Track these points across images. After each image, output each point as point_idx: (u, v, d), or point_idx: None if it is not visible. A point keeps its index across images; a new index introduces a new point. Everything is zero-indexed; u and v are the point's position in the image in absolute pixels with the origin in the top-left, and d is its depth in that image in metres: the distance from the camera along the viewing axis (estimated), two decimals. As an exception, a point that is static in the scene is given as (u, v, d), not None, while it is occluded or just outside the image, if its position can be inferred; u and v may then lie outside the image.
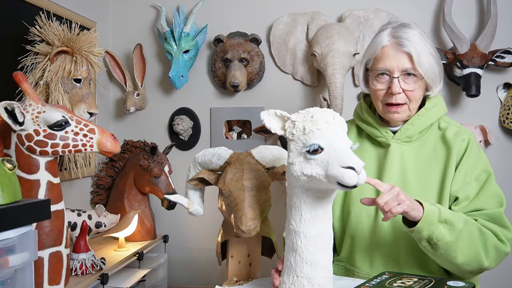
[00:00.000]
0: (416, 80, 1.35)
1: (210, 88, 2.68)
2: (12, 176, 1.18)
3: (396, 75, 1.35)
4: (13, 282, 1.18)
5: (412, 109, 1.39)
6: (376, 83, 1.39)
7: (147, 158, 2.29)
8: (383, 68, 1.36)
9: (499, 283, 2.24)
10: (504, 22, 2.30)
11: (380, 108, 1.41)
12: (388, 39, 1.37)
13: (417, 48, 1.33)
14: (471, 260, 1.26)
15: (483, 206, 1.33)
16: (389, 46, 1.36)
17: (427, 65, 1.34)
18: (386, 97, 1.38)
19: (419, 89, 1.37)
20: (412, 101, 1.37)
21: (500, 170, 2.29)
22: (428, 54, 1.35)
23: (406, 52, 1.34)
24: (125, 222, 2.13)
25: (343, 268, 1.46)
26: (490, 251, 1.28)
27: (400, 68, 1.34)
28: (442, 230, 1.21)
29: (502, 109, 2.34)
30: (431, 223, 1.20)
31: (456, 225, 1.23)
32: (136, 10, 2.74)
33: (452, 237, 1.23)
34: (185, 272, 2.70)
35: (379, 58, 1.37)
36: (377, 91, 1.39)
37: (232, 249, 1.53)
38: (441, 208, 1.23)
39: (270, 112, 1.11)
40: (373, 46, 1.40)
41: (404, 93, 1.36)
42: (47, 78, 1.87)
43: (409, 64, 1.34)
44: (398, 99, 1.36)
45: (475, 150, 1.38)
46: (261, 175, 1.39)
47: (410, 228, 1.22)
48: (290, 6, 2.55)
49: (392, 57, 1.35)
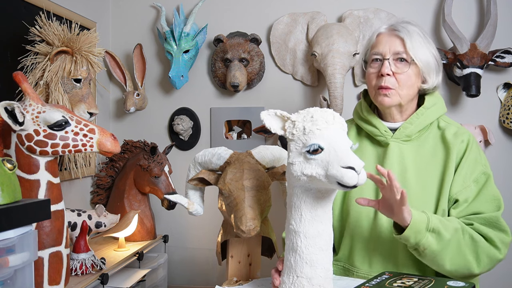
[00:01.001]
0: (407, 64, 1.37)
1: (210, 88, 2.68)
2: (12, 176, 1.18)
3: (387, 57, 1.37)
4: (13, 282, 1.18)
5: (402, 95, 1.38)
6: (370, 69, 1.42)
7: (147, 158, 2.29)
8: (376, 52, 1.40)
9: (499, 283, 2.24)
10: (504, 22, 2.30)
11: (372, 93, 1.43)
12: (385, 27, 1.43)
13: (412, 37, 1.36)
14: (460, 268, 1.27)
15: (480, 210, 1.33)
16: (384, 33, 1.41)
17: (421, 53, 1.37)
18: (377, 80, 1.40)
19: (410, 74, 1.37)
20: (402, 87, 1.37)
21: (500, 170, 2.30)
22: (423, 46, 1.37)
23: (400, 37, 1.37)
24: (125, 222, 2.13)
25: (342, 268, 1.46)
26: (481, 258, 1.28)
27: (392, 51, 1.37)
28: (430, 239, 1.22)
29: (502, 109, 2.34)
30: (419, 231, 1.21)
31: (444, 234, 1.23)
32: (136, 10, 2.74)
33: (439, 246, 1.23)
34: (185, 272, 2.70)
35: (374, 45, 1.42)
36: (369, 75, 1.42)
37: (232, 249, 1.53)
38: (430, 217, 1.24)
39: (270, 112, 1.11)
40: (370, 37, 1.46)
41: (395, 77, 1.37)
42: (47, 78, 1.87)
43: (401, 47, 1.37)
44: (387, 81, 1.37)
45: (475, 152, 1.38)
46: (261, 175, 1.39)
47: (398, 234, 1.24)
48: (290, 6, 2.55)
49: (386, 41, 1.39)
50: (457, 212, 1.33)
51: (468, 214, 1.33)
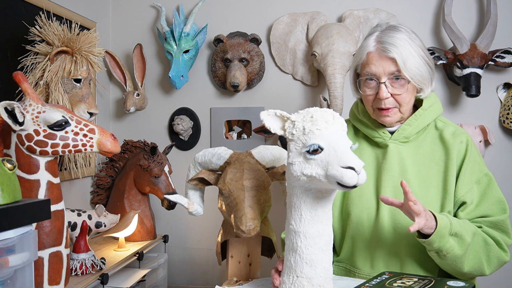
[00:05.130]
0: (404, 83, 1.35)
1: (210, 88, 2.68)
2: (12, 176, 1.18)
3: (383, 80, 1.35)
4: (13, 282, 1.18)
5: (403, 111, 1.39)
6: (366, 89, 1.40)
7: (147, 158, 2.29)
8: (369, 72, 1.37)
9: (499, 283, 2.23)
10: (504, 22, 2.30)
11: (371, 112, 1.43)
12: (373, 44, 1.38)
13: (402, 53, 1.33)
14: (475, 270, 1.29)
15: (487, 213, 1.34)
16: (374, 52, 1.37)
17: (414, 69, 1.34)
18: (376, 102, 1.39)
19: (407, 93, 1.36)
20: (402, 105, 1.37)
21: (500, 170, 2.30)
22: (414, 57, 1.34)
23: (391, 58, 1.34)
24: (125, 222, 2.13)
25: (343, 269, 1.46)
26: (492, 261, 1.31)
27: (386, 73, 1.35)
28: (452, 243, 1.23)
29: (502, 109, 2.34)
30: (443, 236, 1.22)
31: (465, 238, 1.24)
32: (136, 10, 2.74)
33: (461, 250, 1.24)
34: (185, 272, 2.70)
35: (365, 64, 1.39)
36: (367, 96, 1.40)
37: (232, 249, 1.53)
38: (452, 221, 1.24)
39: (270, 112, 1.11)
40: (359, 52, 1.42)
41: (393, 97, 1.36)
42: (47, 78, 1.87)
43: (394, 67, 1.34)
44: (387, 103, 1.36)
45: (474, 153, 1.39)
46: (261, 175, 1.39)
47: (422, 238, 1.24)
48: (290, 6, 2.55)
49: (377, 62, 1.35)
50: (465, 214, 1.34)
51: (476, 217, 1.34)
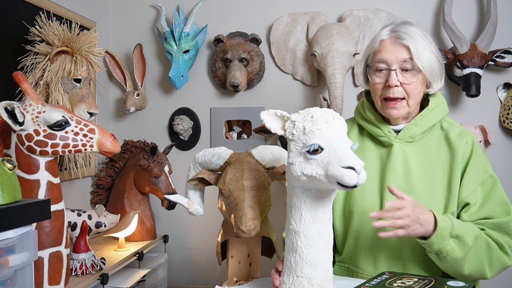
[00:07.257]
0: (415, 73, 1.34)
1: (210, 88, 2.68)
2: (12, 176, 1.18)
3: (394, 67, 1.34)
4: (13, 282, 1.18)
5: (411, 105, 1.37)
6: (375, 77, 1.38)
7: (147, 158, 2.29)
8: (380, 58, 1.36)
9: (499, 284, 2.23)
10: (504, 22, 2.30)
11: (378, 103, 1.40)
12: (387, 33, 1.38)
13: (416, 42, 1.33)
14: (476, 273, 1.28)
15: (490, 215, 1.33)
16: (388, 40, 1.37)
17: (425, 59, 1.33)
18: (384, 91, 1.37)
19: (417, 83, 1.35)
20: (411, 96, 1.35)
21: (500, 170, 2.29)
22: (427, 50, 1.34)
23: (404, 45, 1.33)
24: (125, 222, 2.13)
25: (345, 269, 1.45)
26: (494, 264, 1.30)
27: (399, 60, 1.33)
28: (452, 245, 1.22)
29: (502, 109, 2.34)
30: (443, 237, 1.21)
31: (466, 241, 1.23)
32: (136, 10, 2.74)
33: (462, 253, 1.23)
34: (185, 272, 2.70)
35: (377, 51, 1.38)
36: (375, 84, 1.38)
37: (232, 249, 1.53)
38: (454, 223, 1.23)
39: (270, 112, 1.11)
40: (372, 42, 1.41)
41: (403, 87, 1.35)
42: (47, 78, 1.87)
43: (407, 54, 1.33)
44: (396, 92, 1.34)
45: (480, 154, 1.37)
46: (261, 175, 1.39)
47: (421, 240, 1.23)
48: (290, 6, 2.55)
49: (390, 49, 1.35)
50: (468, 216, 1.32)
51: (479, 219, 1.33)
